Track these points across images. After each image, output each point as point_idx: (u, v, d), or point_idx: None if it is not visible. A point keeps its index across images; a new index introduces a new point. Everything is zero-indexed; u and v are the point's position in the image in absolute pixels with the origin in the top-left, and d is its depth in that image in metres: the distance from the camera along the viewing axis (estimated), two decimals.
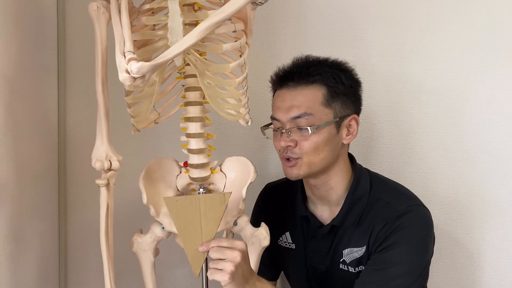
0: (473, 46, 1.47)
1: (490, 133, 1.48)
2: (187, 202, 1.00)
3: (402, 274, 1.07)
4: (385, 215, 1.12)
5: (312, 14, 1.49)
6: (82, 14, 1.42)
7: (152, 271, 1.17)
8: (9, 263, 1.13)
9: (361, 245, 1.14)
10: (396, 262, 1.08)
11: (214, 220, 1.01)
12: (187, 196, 1.02)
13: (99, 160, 1.01)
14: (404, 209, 1.12)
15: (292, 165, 1.14)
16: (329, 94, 1.13)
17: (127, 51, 0.86)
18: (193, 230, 1.01)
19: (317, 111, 1.11)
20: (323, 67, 1.15)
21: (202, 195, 1.03)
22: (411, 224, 1.11)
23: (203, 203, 1.00)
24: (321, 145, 1.11)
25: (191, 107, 1.08)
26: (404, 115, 1.50)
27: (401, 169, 1.49)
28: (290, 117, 1.12)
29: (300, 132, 1.11)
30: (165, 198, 1.01)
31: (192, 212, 1.00)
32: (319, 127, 1.11)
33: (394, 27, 1.49)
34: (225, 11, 0.91)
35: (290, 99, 1.13)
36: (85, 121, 1.45)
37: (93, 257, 1.45)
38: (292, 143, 1.12)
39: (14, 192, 1.16)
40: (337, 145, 1.15)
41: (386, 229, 1.11)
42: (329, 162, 1.15)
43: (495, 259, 1.49)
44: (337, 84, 1.14)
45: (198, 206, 1.00)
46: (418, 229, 1.12)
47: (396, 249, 1.09)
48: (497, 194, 1.48)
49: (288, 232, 1.25)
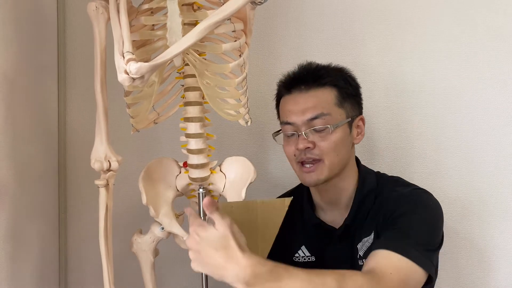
0: (473, 46, 1.47)
1: (490, 133, 1.47)
2: (244, 208, 0.93)
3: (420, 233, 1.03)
4: (391, 198, 1.12)
5: (312, 14, 1.49)
6: (82, 14, 1.42)
7: (152, 271, 1.17)
8: (9, 263, 1.13)
9: (370, 233, 1.13)
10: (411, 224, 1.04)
11: (273, 227, 0.94)
12: (243, 201, 0.95)
13: (98, 161, 1.01)
14: (409, 190, 1.13)
15: (311, 171, 1.11)
16: (341, 95, 1.13)
17: (126, 52, 0.86)
18: (249, 237, 0.89)
19: (332, 111, 1.12)
20: (331, 70, 1.17)
21: (261, 200, 0.94)
22: (421, 198, 1.11)
23: (261, 209, 0.93)
24: (339, 145, 1.11)
25: (190, 107, 1.08)
26: (403, 115, 1.49)
27: (401, 169, 1.49)
28: (306, 119, 1.11)
29: (317, 133, 1.11)
30: (221, 203, 0.91)
31: (248, 218, 0.92)
32: (337, 125, 1.11)
33: (394, 28, 1.48)
34: (225, 11, 0.91)
35: (304, 101, 1.12)
36: (85, 121, 1.45)
37: (93, 257, 1.45)
38: (311, 144, 1.10)
39: (14, 192, 1.16)
40: (350, 145, 1.16)
41: (393, 204, 1.09)
42: (345, 163, 1.15)
43: (497, 258, 1.49)
44: (347, 85, 1.15)
45: (255, 212, 0.93)
46: (426, 201, 1.11)
47: (411, 213, 1.06)
48: (497, 194, 1.48)
49: (304, 246, 1.22)
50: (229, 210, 0.91)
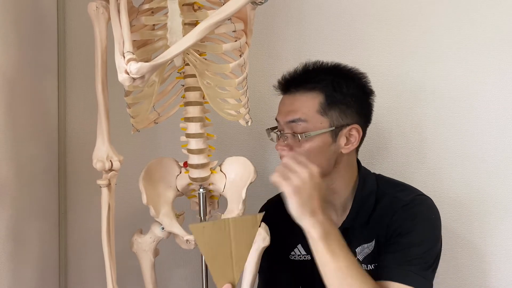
0: (474, 46, 1.47)
1: (491, 133, 1.47)
2: (216, 227, 0.90)
3: (421, 253, 1.06)
4: (393, 207, 1.13)
5: (312, 14, 1.49)
6: (82, 14, 1.42)
7: (152, 271, 1.17)
8: (9, 263, 1.13)
9: (370, 240, 1.14)
10: (413, 244, 1.07)
11: (246, 245, 0.92)
12: (215, 221, 0.91)
13: (100, 161, 1.01)
14: (411, 199, 1.13)
15: None
16: (326, 102, 1.11)
17: (126, 52, 0.86)
18: (223, 257, 0.90)
19: (311, 118, 1.11)
20: (325, 74, 1.14)
21: (232, 219, 0.91)
22: (419, 210, 1.12)
23: (234, 227, 0.90)
24: (313, 152, 1.11)
25: (191, 107, 1.08)
26: (404, 115, 1.49)
27: (401, 169, 1.49)
28: (287, 120, 1.12)
29: (294, 137, 1.12)
30: (191, 225, 0.90)
31: (221, 238, 0.90)
32: (309, 135, 1.10)
33: (394, 27, 1.48)
34: (225, 11, 0.91)
35: (289, 103, 1.13)
36: (86, 121, 1.45)
37: (93, 257, 1.45)
38: (287, 147, 1.12)
39: (14, 192, 1.16)
40: (333, 153, 1.13)
41: (396, 218, 1.11)
42: (324, 169, 1.12)
43: (497, 258, 1.49)
44: (335, 92, 1.12)
45: (228, 231, 0.90)
46: (427, 214, 1.12)
47: (410, 232, 1.08)
48: (498, 194, 1.48)
49: (300, 244, 1.23)
50: (201, 231, 0.89)
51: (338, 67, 1.17)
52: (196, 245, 1.12)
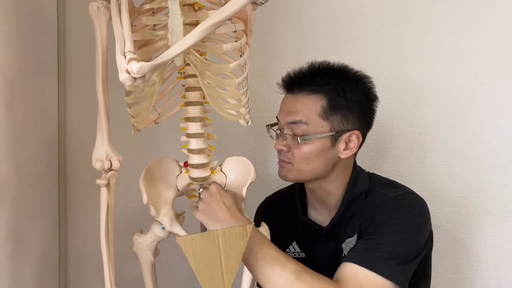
0: (474, 46, 1.47)
1: (491, 133, 1.48)
2: (204, 239, 0.89)
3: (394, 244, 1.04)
4: (376, 201, 1.12)
5: (312, 14, 1.49)
6: (82, 14, 1.42)
7: (152, 271, 1.17)
8: (9, 263, 1.13)
9: (353, 234, 1.14)
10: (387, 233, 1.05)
11: (236, 256, 0.90)
12: (203, 233, 0.91)
13: (99, 160, 1.01)
14: (396, 195, 1.12)
15: (282, 166, 1.16)
16: (329, 107, 1.11)
17: (127, 51, 0.86)
18: (213, 269, 0.89)
19: (312, 121, 1.11)
20: (331, 77, 1.13)
21: (221, 230, 0.91)
22: (402, 204, 1.10)
23: (223, 239, 0.90)
24: (311, 156, 1.11)
25: (191, 107, 1.08)
26: (404, 115, 1.50)
27: (401, 169, 1.49)
28: (287, 121, 1.13)
29: (293, 139, 1.12)
30: (178, 238, 0.90)
31: (210, 249, 0.89)
32: (309, 138, 1.10)
33: (394, 28, 1.49)
34: (226, 11, 0.91)
35: (291, 104, 1.14)
36: (85, 121, 1.45)
37: (93, 257, 1.45)
38: (286, 147, 1.13)
39: (14, 192, 1.16)
40: (331, 157, 1.13)
41: (376, 210, 1.10)
42: (320, 173, 1.14)
43: (495, 259, 1.49)
44: (339, 97, 1.11)
45: (217, 242, 0.90)
46: (409, 209, 1.10)
47: (385, 224, 1.07)
48: (497, 194, 1.48)
49: (295, 242, 1.25)
50: (189, 244, 0.89)
51: (344, 69, 1.16)
52: None
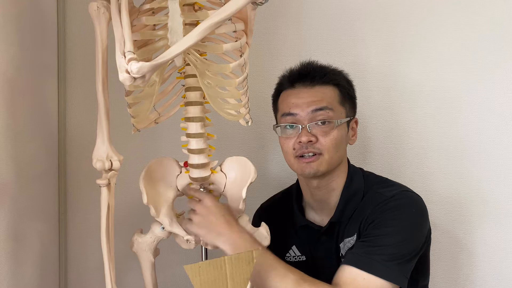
0: (472, 46, 1.47)
1: (490, 133, 1.48)
2: (212, 267, 0.90)
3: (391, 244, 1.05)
4: (374, 201, 1.13)
5: (312, 14, 1.49)
6: (82, 14, 1.42)
7: (152, 271, 1.17)
8: (9, 263, 1.13)
9: (352, 234, 1.14)
10: (385, 234, 1.06)
11: (242, 282, 0.91)
12: (210, 260, 0.91)
13: (100, 160, 1.01)
14: (393, 194, 1.13)
15: (311, 161, 1.12)
16: (342, 95, 1.17)
17: (127, 51, 0.86)
18: None
19: (336, 108, 1.14)
20: (332, 70, 1.20)
21: (228, 257, 0.91)
22: (399, 204, 1.11)
23: (229, 265, 0.90)
24: (339, 141, 1.14)
25: (191, 107, 1.08)
26: (403, 115, 1.50)
27: (401, 169, 1.49)
28: (311, 109, 1.12)
29: (320, 127, 1.12)
30: (186, 266, 0.90)
31: (217, 276, 0.90)
32: (341, 122, 1.14)
33: (394, 28, 1.49)
34: (226, 11, 0.91)
35: (308, 95, 1.14)
36: (85, 121, 1.45)
37: (93, 257, 1.45)
38: (314, 138, 1.12)
39: (14, 192, 1.16)
40: (346, 144, 1.19)
41: (374, 211, 1.11)
42: (341, 161, 1.17)
43: (495, 258, 1.49)
44: (348, 86, 1.19)
45: (223, 269, 0.90)
46: (407, 208, 1.11)
47: (383, 224, 1.08)
48: (496, 194, 1.48)
49: (295, 246, 1.25)
50: (196, 271, 0.89)
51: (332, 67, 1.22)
52: (196, 245, 1.13)
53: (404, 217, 1.09)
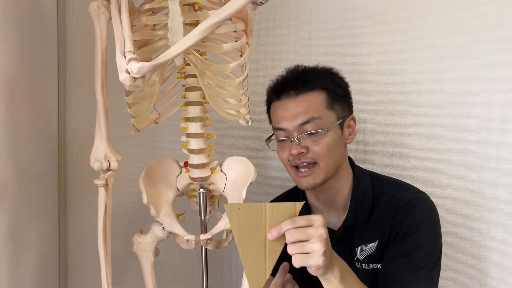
0: (472, 46, 1.47)
1: (490, 133, 1.48)
2: (252, 211, 0.86)
3: (425, 255, 1.08)
4: (393, 207, 1.13)
5: (312, 14, 1.49)
6: (82, 14, 1.42)
7: (152, 271, 1.17)
8: (9, 263, 1.13)
9: (373, 241, 1.14)
10: (417, 245, 1.09)
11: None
12: (251, 203, 0.87)
13: (97, 160, 1.01)
14: (409, 197, 1.14)
15: (307, 175, 1.12)
16: (330, 98, 1.13)
17: (127, 51, 0.86)
18: (256, 243, 0.86)
19: (323, 115, 1.11)
20: (319, 73, 1.16)
21: (269, 204, 0.87)
22: (421, 210, 1.13)
23: (270, 213, 0.86)
24: (332, 147, 1.12)
25: (191, 107, 1.08)
26: (403, 115, 1.50)
27: (401, 169, 1.49)
28: (298, 124, 1.11)
29: (310, 137, 1.11)
30: (226, 205, 0.88)
31: (256, 222, 0.86)
32: (329, 129, 1.11)
33: (394, 28, 1.49)
34: (226, 11, 0.91)
35: (294, 106, 1.12)
36: (85, 121, 1.45)
37: (93, 257, 1.44)
38: (304, 149, 1.11)
39: (14, 192, 1.16)
40: (343, 146, 1.16)
41: (398, 219, 1.11)
42: (339, 164, 1.16)
43: (496, 258, 1.49)
44: (335, 87, 1.15)
45: (263, 216, 0.86)
46: (428, 212, 1.14)
47: (413, 234, 1.10)
48: (496, 194, 1.48)
49: None
50: (236, 212, 0.86)
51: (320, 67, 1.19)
52: (196, 245, 1.13)
53: (429, 224, 1.12)
